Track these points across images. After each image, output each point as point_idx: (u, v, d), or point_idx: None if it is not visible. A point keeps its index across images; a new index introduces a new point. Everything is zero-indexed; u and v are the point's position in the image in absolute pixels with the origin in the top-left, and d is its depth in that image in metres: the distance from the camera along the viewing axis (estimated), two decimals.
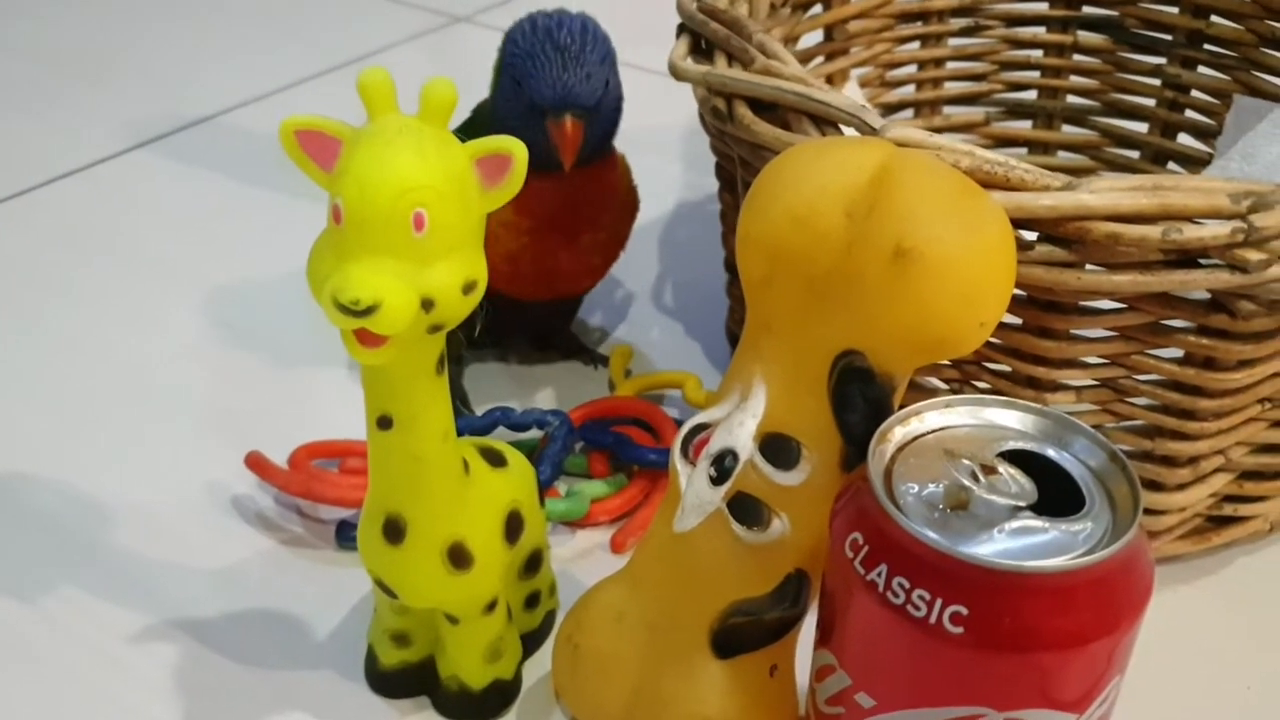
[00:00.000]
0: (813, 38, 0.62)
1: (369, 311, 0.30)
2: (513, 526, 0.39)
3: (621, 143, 0.54)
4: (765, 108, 0.43)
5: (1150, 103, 0.65)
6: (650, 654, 0.38)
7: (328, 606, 0.46)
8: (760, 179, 0.36)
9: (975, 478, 0.30)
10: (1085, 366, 0.41)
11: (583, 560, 0.48)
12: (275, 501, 0.50)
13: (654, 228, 0.71)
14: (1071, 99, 0.67)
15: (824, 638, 0.33)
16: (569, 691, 0.40)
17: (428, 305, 0.32)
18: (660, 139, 0.77)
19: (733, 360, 0.38)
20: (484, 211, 0.33)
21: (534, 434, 0.52)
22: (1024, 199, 0.36)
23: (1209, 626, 0.46)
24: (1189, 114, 0.64)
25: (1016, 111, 0.68)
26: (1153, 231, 0.36)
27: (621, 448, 0.51)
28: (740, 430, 0.36)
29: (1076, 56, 0.66)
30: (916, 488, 0.31)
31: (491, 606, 0.39)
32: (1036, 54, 0.67)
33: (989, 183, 0.37)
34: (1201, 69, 0.63)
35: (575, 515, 0.48)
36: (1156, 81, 0.65)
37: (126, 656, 0.44)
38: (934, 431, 0.32)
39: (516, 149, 0.32)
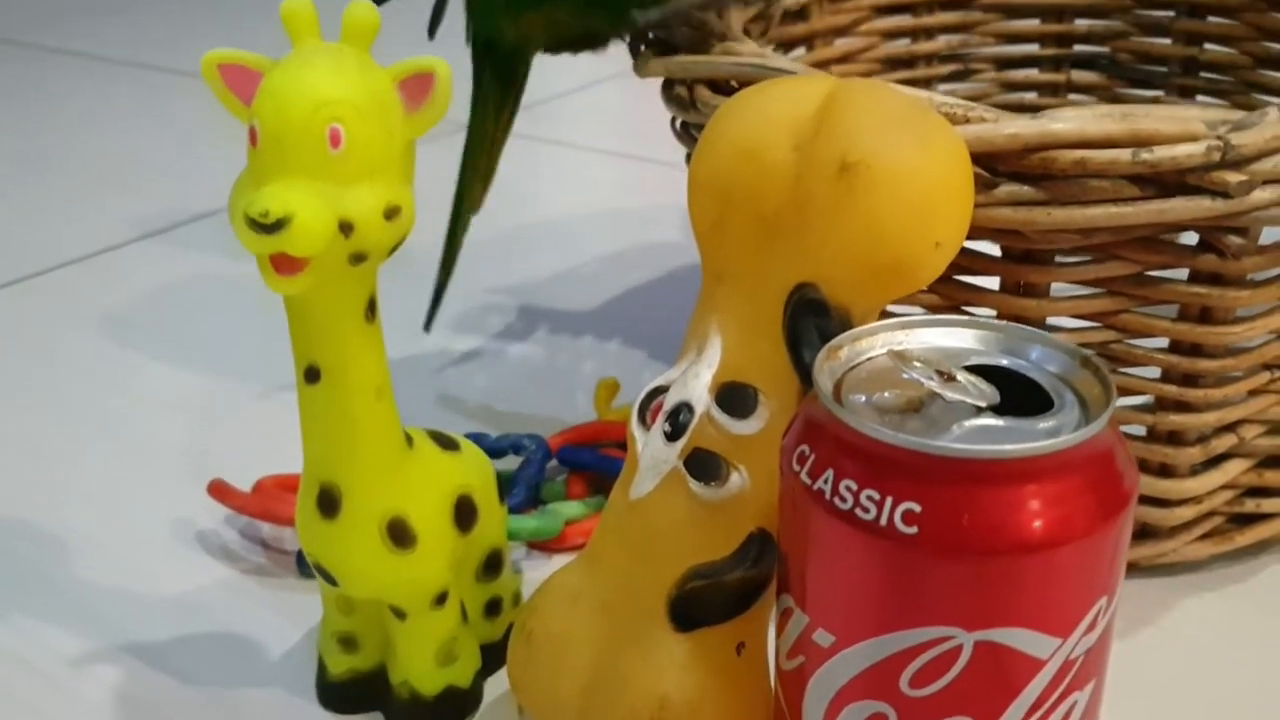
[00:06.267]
0: None
1: (280, 225, 0.29)
2: (464, 512, 0.37)
3: (627, 221, 0.52)
4: (727, 91, 0.42)
5: None
6: (607, 634, 0.34)
7: (283, 630, 0.43)
8: (709, 124, 0.35)
9: (932, 381, 0.28)
10: (1072, 332, 0.39)
11: None
12: (240, 535, 0.48)
13: (651, 287, 0.69)
14: None
15: (781, 583, 0.30)
16: (523, 683, 0.36)
17: (346, 228, 0.30)
18: (659, 216, 0.79)
19: (690, 320, 0.36)
20: (410, 137, 0.31)
21: (511, 462, 0.50)
22: (984, 129, 0.34)
23: (1238, 635, 0.42)
24: None
25: None
26: (1122, 154, 0.34)
27: (603, 465, 0.48)
28: (695, 382, 0.34)
29: (1072, 95, 0.65)
30: (865, 397, 0.28)
31: (441, 599, 0.37)
32: (1030, 95, 0.66)
33: (949, 120, 0.35)
34: (1199, 97, 0.62)
35: (547, 534, 0.45)
36: None
37: (65, 677, 0.41)
38: (888, 351, 0.30)
39: (439, 67, 0.31)
